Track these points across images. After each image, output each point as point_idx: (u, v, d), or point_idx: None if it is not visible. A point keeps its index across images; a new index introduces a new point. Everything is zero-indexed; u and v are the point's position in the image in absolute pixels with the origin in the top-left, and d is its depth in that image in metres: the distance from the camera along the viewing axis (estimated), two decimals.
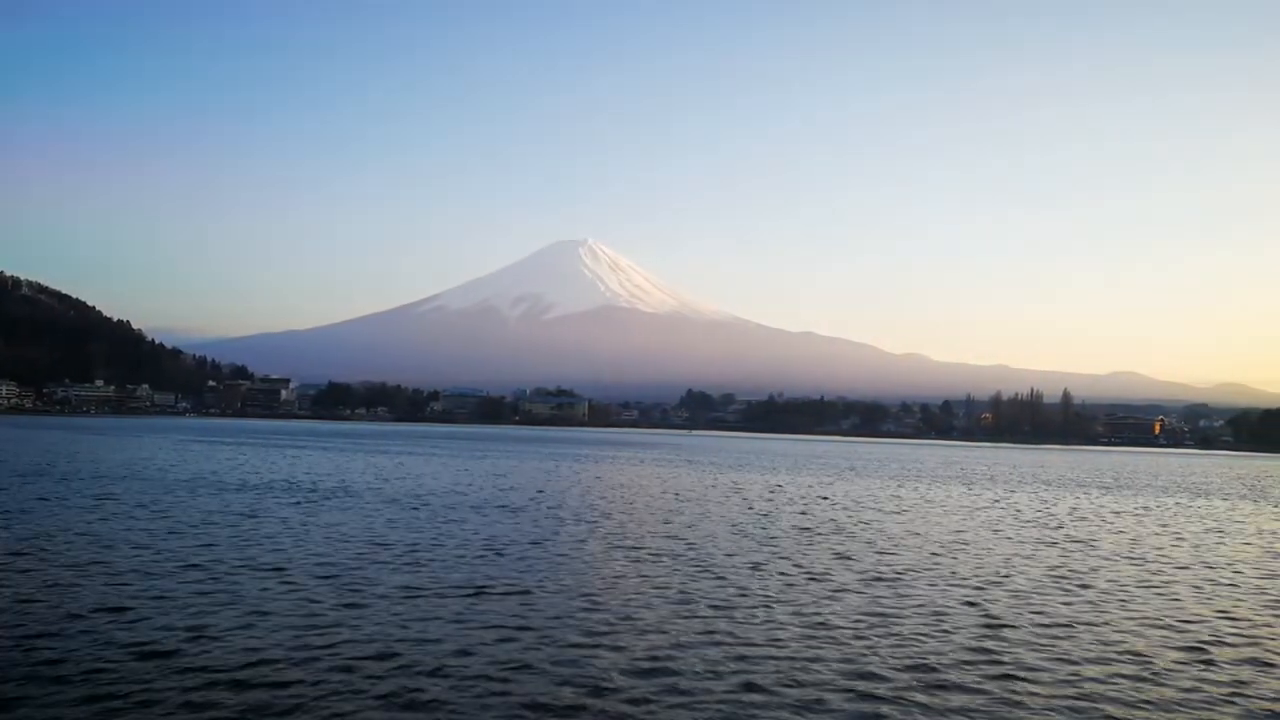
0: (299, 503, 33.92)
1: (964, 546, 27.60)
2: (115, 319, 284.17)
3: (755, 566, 22.27)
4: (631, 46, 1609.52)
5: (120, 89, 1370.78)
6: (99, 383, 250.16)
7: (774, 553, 24.74)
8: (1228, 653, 15.22)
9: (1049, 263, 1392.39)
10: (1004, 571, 22.94)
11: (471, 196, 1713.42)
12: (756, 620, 16.33)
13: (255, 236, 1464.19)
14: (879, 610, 17.52)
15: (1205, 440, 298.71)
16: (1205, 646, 15.55)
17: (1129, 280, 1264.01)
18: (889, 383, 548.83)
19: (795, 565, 22.68)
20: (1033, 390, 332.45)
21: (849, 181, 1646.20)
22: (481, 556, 22.50)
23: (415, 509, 32.93)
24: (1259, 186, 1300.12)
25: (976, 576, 21.97)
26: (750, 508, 38.07)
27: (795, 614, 16.96)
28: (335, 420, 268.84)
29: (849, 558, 24.33)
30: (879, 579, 21.10)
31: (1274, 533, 36.38)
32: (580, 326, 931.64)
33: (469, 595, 17.70)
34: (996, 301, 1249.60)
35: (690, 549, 24.92)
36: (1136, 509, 45.35)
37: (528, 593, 18.18)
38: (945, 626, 16.31)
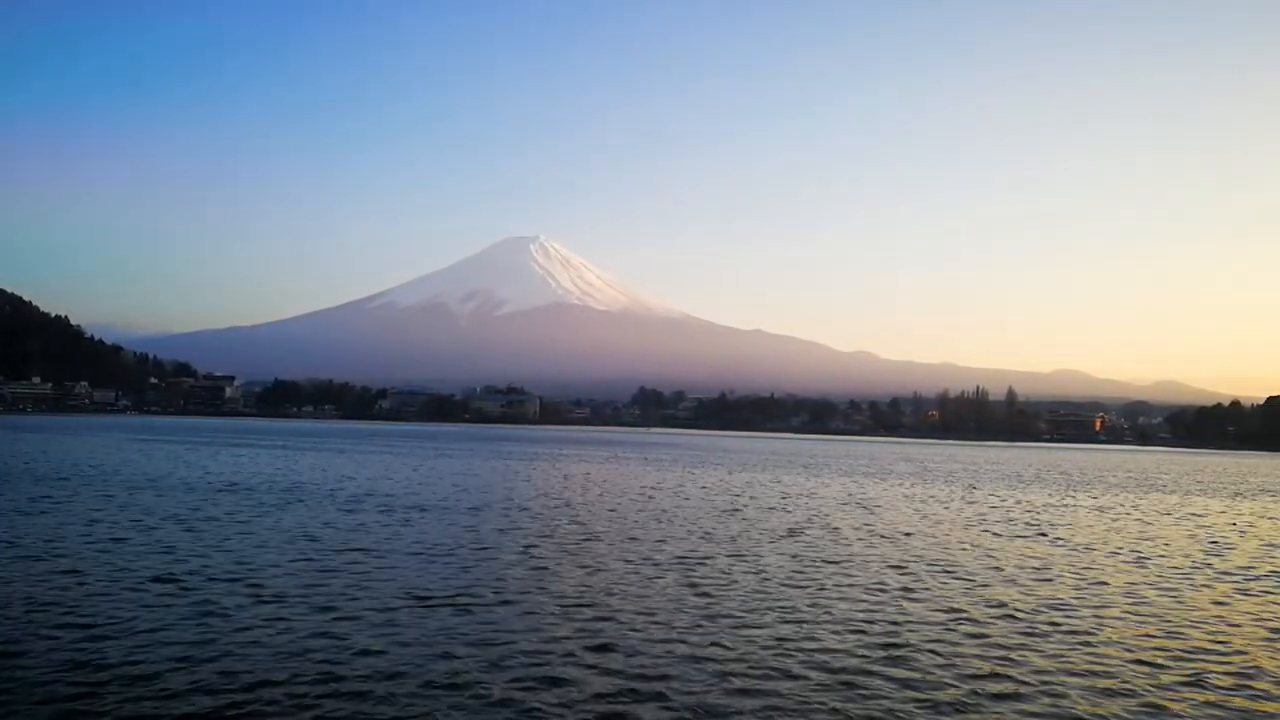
0: (254, 505, 32.96)
1: (958, 544, 27.68)
2: (53, 314, 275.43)
3: (743, 571, 22.03)
4: (584, 43, 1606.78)
5: (54, 80, 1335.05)
6: (36, 380, 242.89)
7: (757, 554, 24.54)
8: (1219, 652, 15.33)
9: (994, 263, 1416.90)
10: (997, 569, 23.01)
11: (421, 192, 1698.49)
12: (742, 626, 16.07)
13: (198, 231, 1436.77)
14: (875, 613, 17.37)
15: (1144, 437, 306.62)
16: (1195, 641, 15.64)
17: (1071, 280, 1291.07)
18: (837, 380, 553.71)
19: (778, 566, 22.48)
20: (978, 388, 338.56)
21: (798, 181, 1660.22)
22: (452, 562, 21.94)
23: (380, 511, 32.18)
24: (1198, 191, 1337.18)
25: (977, 573, 22.01)
26: (721, 506, 37.91)
27: (785, 618, 16.71)
28: (281, 418, 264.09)
29: (829, 559, 24.20)
30: (866, 580, 20.99)
31: (1233, 526, 37.08)
32: (531, 324, 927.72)
33: (452, 606, 17.12)
34: (943, 300, 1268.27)
35: (669, 553, 24.61)
36: (1111, 505, 46.00)
37: (512, 602, 17.71)
38: (945, 625, 16.21)
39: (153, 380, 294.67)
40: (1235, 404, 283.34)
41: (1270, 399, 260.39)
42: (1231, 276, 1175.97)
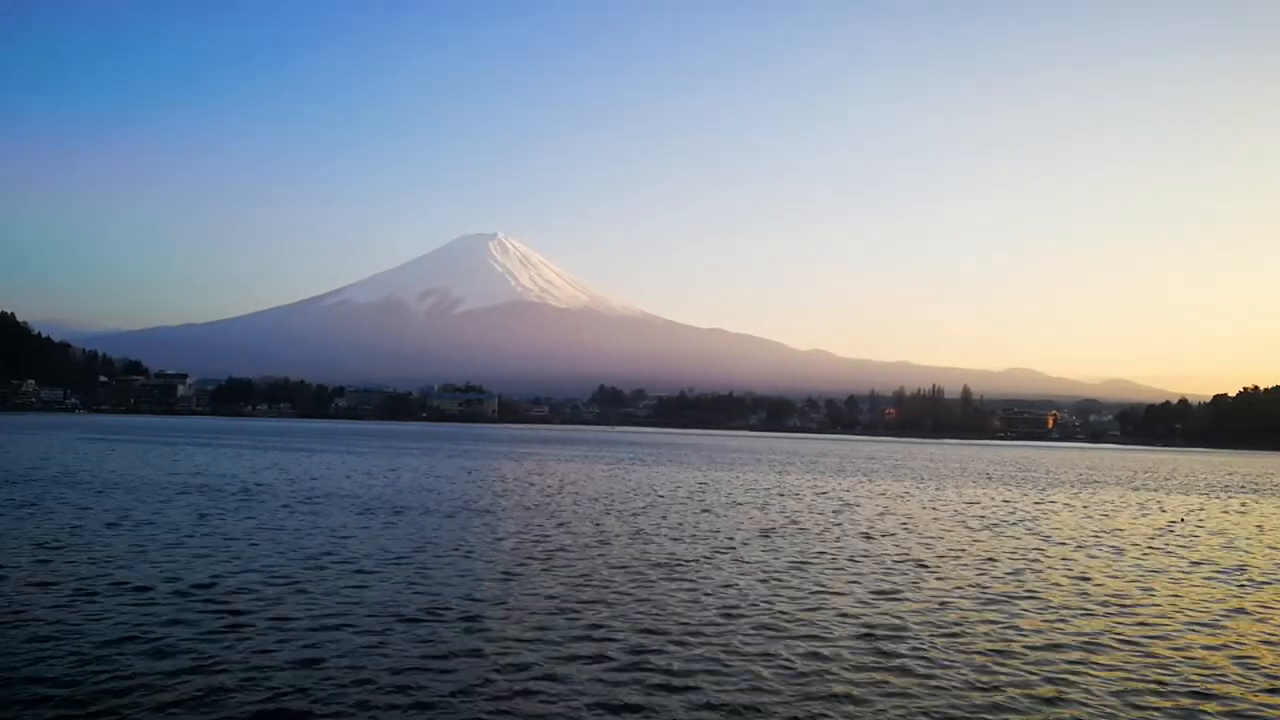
0: (220, 508, 32.22)
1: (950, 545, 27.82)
2: None
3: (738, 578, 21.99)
4: (544, 40, 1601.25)
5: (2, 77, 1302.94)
6: None
7: (738, 554, 24.43)
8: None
9: (949, 263, 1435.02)
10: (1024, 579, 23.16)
11: (378, 188, 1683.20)
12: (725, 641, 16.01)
13: (150, 226, 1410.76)
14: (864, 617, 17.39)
15: (1095, 434, 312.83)
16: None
17: (1025, 281, 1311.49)
18: (795, 378, 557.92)
19: (762, 564, 22.41)
20: (934, 386, 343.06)
21: (755, 181, 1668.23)
22: (429, 566, 21.59)
23: (346, 513, 31.59)
24: (1146, 194, 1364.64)
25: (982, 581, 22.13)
26: (694, 504, 37.78)
27: (775, 617, 16.62)
28: (235, 417, 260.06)
29: (809, 561, 24.21)
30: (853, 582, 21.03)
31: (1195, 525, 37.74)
32: (489, 322, 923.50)
33: (432, 610, 16.83)
34: (899, 299, 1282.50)
35: (649, 554, 24.43)
36: (1077, 501, 46.56)
37: (492, 609, 17.46)
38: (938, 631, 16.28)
39: (103, 378, 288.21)
40: (1183, 402, 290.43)
41: (1217, 397, 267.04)
42: (1181, 278, 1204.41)
